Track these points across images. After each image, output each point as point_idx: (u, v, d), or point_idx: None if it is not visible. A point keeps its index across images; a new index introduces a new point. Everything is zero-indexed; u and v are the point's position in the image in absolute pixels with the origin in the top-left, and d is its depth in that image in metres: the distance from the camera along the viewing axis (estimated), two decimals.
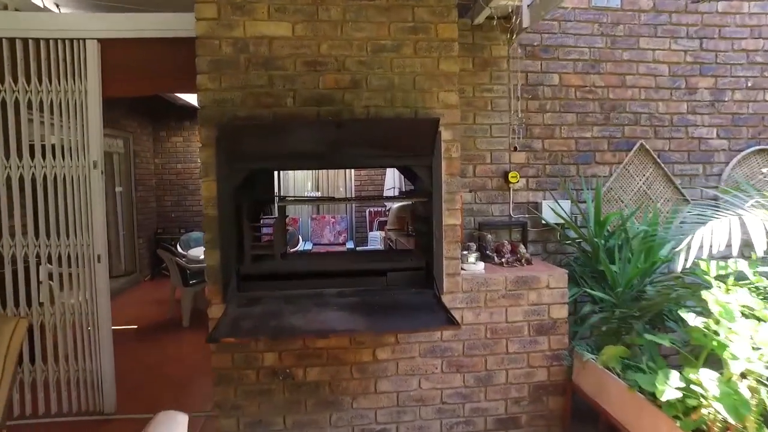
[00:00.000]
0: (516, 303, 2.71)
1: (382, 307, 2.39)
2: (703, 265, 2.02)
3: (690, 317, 1.91)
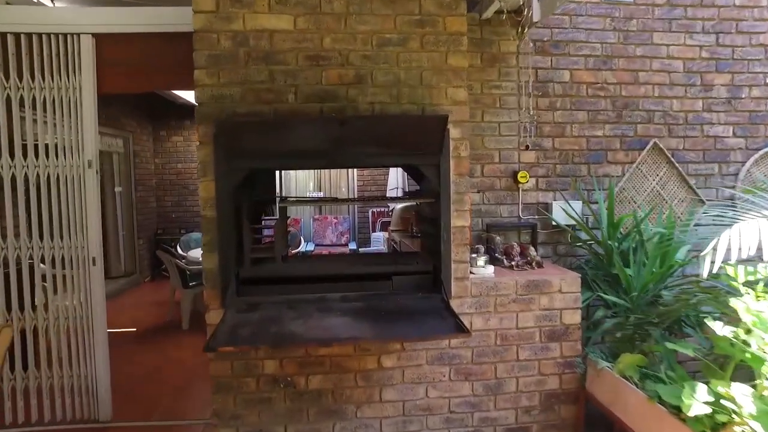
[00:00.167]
0: (527, 308, 2.60)
1: (388, 313, 2.28)
2: (730, 271, 1.90)
3: (717, 326, 1.79)
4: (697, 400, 1.67)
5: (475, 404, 2.60)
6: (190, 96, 6.51)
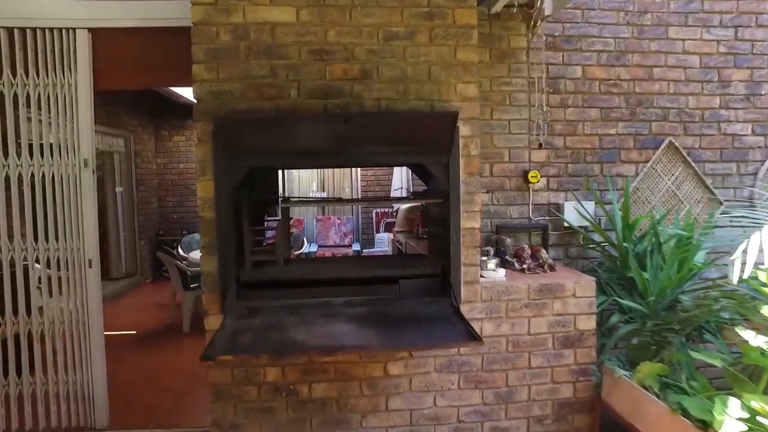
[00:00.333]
0: (539, 313, 2.49)
1: (395, 319, 2.17)
2: (762, 276, 1.78)
3: (749, 335, 1.68)
4: (730, 416, 1.56)
5: (486, 413, 2.49)
6: (192, 95, 6.42)
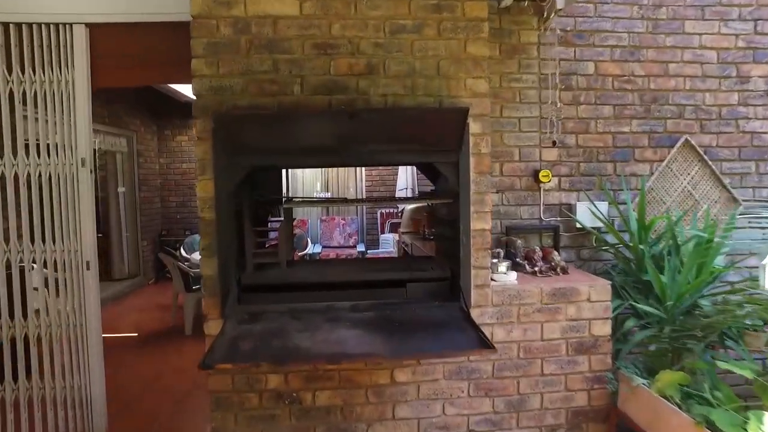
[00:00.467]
0: (553, 318, 2.39)
1: (403, 324, 2.08)
2: None
3: None
4: None
5: (496, 422, 2.39)
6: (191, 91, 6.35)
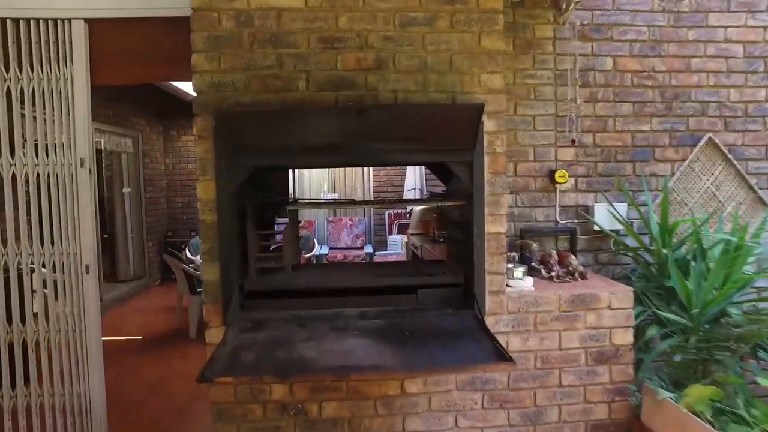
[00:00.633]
0: (571, 326, 2.27)
1: (414, 333, 1.97)
2: None
3: None
4: None
5: None
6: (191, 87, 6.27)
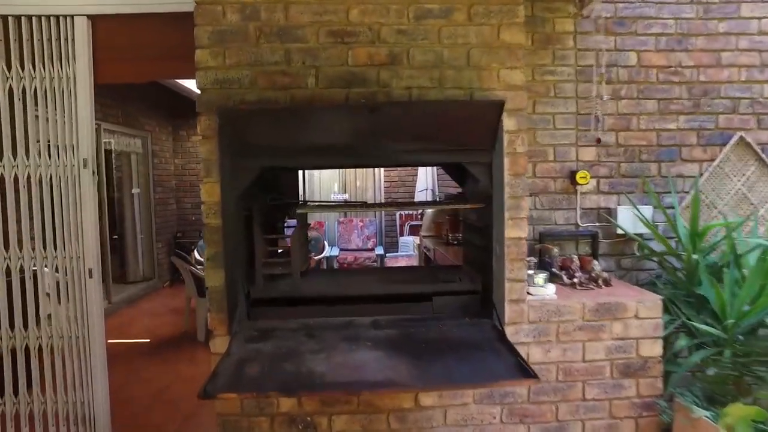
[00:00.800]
0: (596, 337, 2.13)
1: (429, 344, 1.86)
2: None
3: None
4: None
5: None
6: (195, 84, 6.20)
